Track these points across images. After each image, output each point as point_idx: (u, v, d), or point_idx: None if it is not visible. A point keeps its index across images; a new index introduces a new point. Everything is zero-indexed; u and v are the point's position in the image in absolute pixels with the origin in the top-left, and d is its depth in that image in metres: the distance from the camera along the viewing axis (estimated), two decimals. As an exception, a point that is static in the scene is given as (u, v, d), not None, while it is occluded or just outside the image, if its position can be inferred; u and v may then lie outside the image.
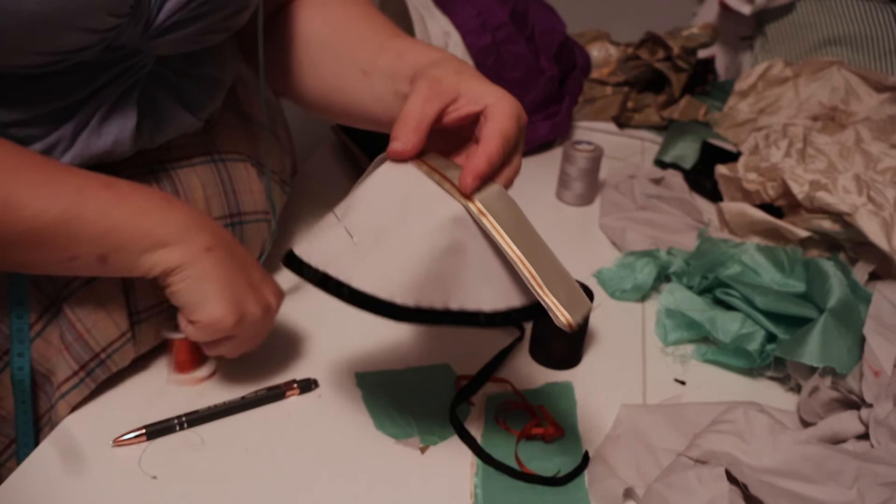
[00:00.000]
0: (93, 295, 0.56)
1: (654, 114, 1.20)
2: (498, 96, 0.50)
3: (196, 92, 0.59)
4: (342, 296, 0.47)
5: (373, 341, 0.68)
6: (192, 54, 0.58)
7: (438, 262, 0.46)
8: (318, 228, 0.50)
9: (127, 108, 0.54)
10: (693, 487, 0.50)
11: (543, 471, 0.56)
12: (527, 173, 1.04)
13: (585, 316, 0.48)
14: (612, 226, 0.88)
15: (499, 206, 0.47)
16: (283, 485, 0.54)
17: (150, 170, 0.59)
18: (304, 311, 0.71)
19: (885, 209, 0.76)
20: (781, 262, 0.77)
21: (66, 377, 0.56)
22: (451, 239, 0.46)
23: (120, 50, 0.52)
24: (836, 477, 0.52)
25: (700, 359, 0.70)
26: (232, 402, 0.59)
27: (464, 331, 0.71)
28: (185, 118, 0.59)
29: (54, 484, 0.52)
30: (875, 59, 1.23)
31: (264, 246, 0.70)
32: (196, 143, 0.63)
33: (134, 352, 0.60)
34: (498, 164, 0.49)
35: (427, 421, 0.60)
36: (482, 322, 0.48)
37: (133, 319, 0.58)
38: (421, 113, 0.49)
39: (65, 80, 0.51)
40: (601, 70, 1.27)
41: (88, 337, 0.56)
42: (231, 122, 0.68)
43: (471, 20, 1.03)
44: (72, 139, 0.52)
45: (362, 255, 0.47)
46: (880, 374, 0.58)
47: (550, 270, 0.48)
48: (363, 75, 0.61)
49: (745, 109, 1.12)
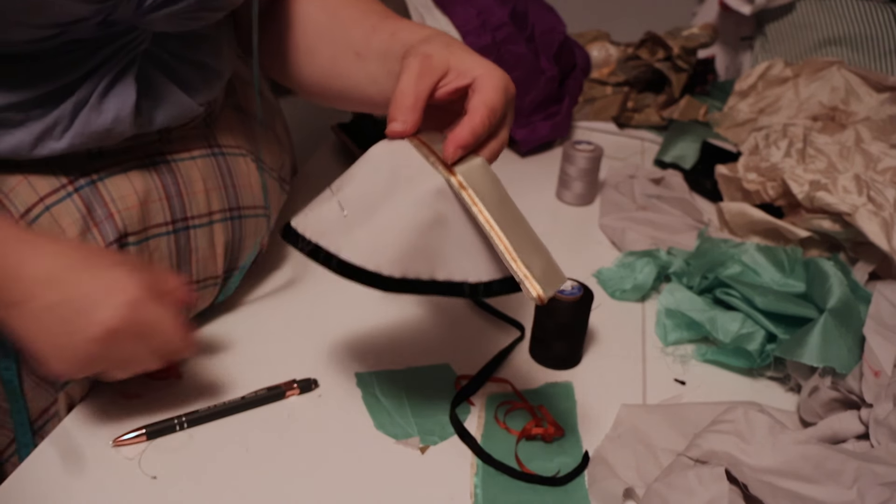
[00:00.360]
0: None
1: (654, 114, 1.20)
2: (486, 69, 0.50)
3: (192, 76, 0.59)
4: (332, 267, 0.48)
5: (373, 341, 0.68)
6: (188, 39, 0.58)
7: (423, 234, 0.47)
8: (314, 202, 0.51)
9: (126, 86, 0.54)
10: (693, 487, 0.50)
11: (543, 471, 0.56)
12: (527, 173, 1.05)
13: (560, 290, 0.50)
14: (612, 226, 0.88)
15: (479, 180, 0.48)
16: (283, 485, 0.54)
17: (152, 161, 0.59)
18: (304, 311, 0.71)
19: (885, 209, 0.76)
20: (781, 262, 0.77)
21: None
22: (434, 211, 0.47)
23: (116, 26, 0.51)
24: (836, 477, 0.52)
25: (700, 359, 0.70)
26: (232, 402, 0.59)
27: (464, 330, 0.71)
28: (182, 100, 0.58)
29: (54, 484, 0.52)
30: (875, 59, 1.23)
31: (262, 241, 0.70)
32: (197, 136, 0.63)
33: None
34: (483, 136, 0.49)
35: (427, 421, 0.60)
36: (466, 293, 0.49)
37: None
38: (416, 91, 0.49)
39: (61, 60, 0.51)
40: (601, 70, 1.27)
41: None
42: (231, 117, 0.68)
43: (471, 20, 1.03)
44: (71, 118, 0.52)
45: (352, 228, 0.48)
46: (880, 373, 0.58)
47: (526, 244, 0.48)
48: (357, 58, 0.61)
49: (745, 109, 1.12)
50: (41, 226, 0.54)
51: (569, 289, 0.65)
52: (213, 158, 0.64)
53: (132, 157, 0.58)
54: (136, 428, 0.56)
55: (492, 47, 1.04)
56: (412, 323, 0.71)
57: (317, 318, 0.70)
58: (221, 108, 0.67)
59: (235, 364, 0.64)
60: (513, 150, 1.12)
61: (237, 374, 0.63)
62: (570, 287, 0.66)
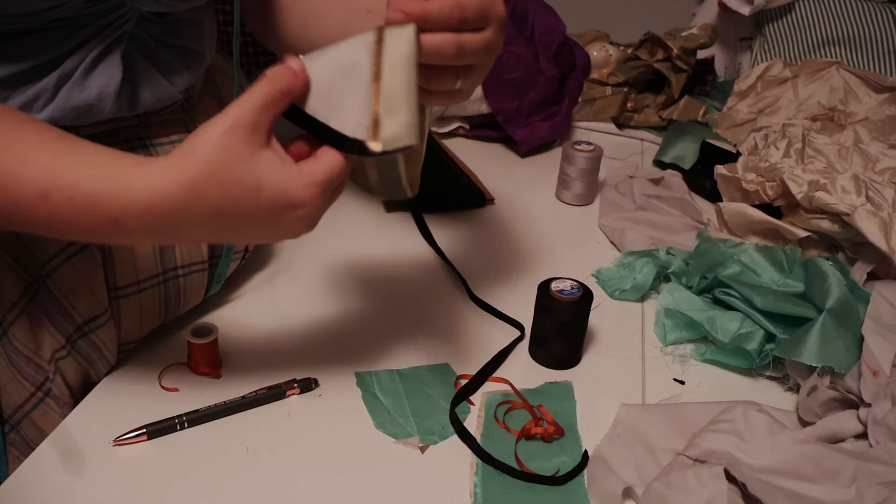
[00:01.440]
0: (73, 269, 0.56)
1: (653, 114, 1.20)
2: None
3: (174, 61, 0.59)
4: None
5: (372, 341, 0.68)
6: (172, 24, 0.58)
7: (335, 75, 0.47)
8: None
9: (111, 64, 0.54)
10: (692, 487, 0.50)
11: (543, 470, 0.56)
12: (527, 173, 1.05)
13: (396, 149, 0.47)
14: (612, 226, 0.89)
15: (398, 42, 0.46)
16: (283, 484, 0.54)
17: (131, 147, 0.59)
18: (304, 310, 0.71)
19: (884, 209, 0.76)
20: (780, 262, 0.77)
21: (54, 350, 0.56)
22: (353, 58, 0.47)
23: (103, 2, 0.51)
24: (834, 476, 0.52)
25: (699, 358, 0.70)
26: (232, 402, 0.59)
27: (464, 330, 0.71)
28: (162, 86, 0.58)
29: (54, 484, 0.52)
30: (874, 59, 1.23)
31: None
32: (175, 121, 0.63)
33: (116, 329, 0.61)
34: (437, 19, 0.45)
35: (426, 420, 0.60)
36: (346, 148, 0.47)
37: (112, 295, 0.59)
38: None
39: (47, 37, 0.50)
40: (601, 70, 1.27)
41: (73, 310, 0.57)
42: (209, 104, 0.68)
43: (470, 20, 1.03)
44: (54, 91, 0.52)
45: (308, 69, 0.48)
46: (878, 373, 0.58)
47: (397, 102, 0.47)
48: (369, 14, 0.59)
49: (744, 110, 1.12)
50: None
51: (568, 288, 0.65)
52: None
53: (111, 141, 0.58)
54: (136, 427, 0.56)
55: (491, 48, 1.04)
56: (412, 322, 0.71)
57: (317, 318, 0.70)
58: (200, 94, 0.67)
59: (236, 363, 0.64)
60: (513, 150, 1.12)
61: (237, 373, 0.63)
62: (570, 287, 0.66)
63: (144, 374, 0.62)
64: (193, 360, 0.62)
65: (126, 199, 0.43)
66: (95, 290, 0.58)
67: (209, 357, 0.62)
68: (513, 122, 1.08)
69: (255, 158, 0.44)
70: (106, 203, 0.43)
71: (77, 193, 0.43)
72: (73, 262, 0.56)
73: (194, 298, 0.67)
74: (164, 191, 0.43)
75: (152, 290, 0.62)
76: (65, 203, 0.43)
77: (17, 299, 0.54)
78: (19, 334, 0.55)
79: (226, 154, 0.43)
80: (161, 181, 0.43)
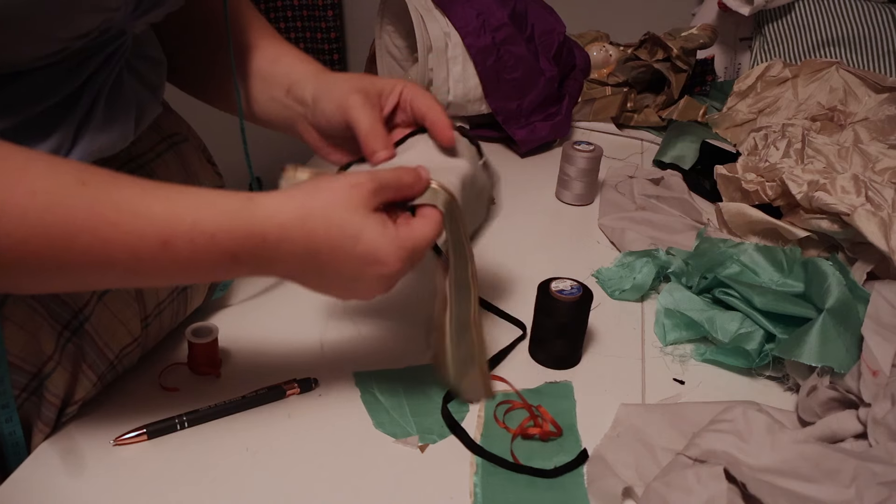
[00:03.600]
0: (107, 309, 0.56)
1: (653, 114, 1.20)
2: (396, 80, 0.59)
3: (150, 74, 0.58)
4: None
5: (372, 341, 0.68)
6: (138, 35, 0.56)
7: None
8: None
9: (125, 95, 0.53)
10: (692, 486, 0.50)
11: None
12: (527, 173, 1.05)
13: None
14: (612, 226, 0.89)
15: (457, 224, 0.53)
16: (283, 484, 0.54)
17: (129, 170, 0.55)
18: (303, 310, 0.71)
19: (884, 209, 0.76)
20: (780, 262, 0.77)
21: (86, 392, 0.56)
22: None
23: (107, 33, 0.49)
24: (834, 476, 0.52)
25: (699, 358, 0.70)
26: (232, 402, 0.59)
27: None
28: (152, 103, 0.58)
29: (54, 484, 0.52)
30: (874, 59, 1.23)
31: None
32: (147, 134, 0.62)
33: (140, 352, 0.60)
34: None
35: (426, 419, 0.60)
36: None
37: (143, 324, 0.59)
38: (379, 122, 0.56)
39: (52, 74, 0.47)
40: (601, 70, 1.27)
41: (106, 349, 0.56)
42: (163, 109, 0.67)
43: (471, 21, 1.03)
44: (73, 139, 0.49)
45: None
46: (878, 373, 0.58)
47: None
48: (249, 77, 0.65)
49: (743, 110, 1.12)
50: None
51: (568, 288, 0.65)
52: (172, 151, 0.64)
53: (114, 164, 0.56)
54: (136, 427, 0.56)
55: (491, 48, 1.04)
56: (411, 322, 0.71)
57: (316, 318, 0.70)
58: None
59: (236, 363, 0.64)
60: (513, 150, 1.12)
61: (237, 373, 0.63)
62: (570, 287, 0.66)
63: (144, 374, 0.62)
64: (193, 359, 0.62)
65: (248, 230, 0.44)
66: (128, 323, 0.57)
67: (209, 357, 0.62)
68: (513, 122, 1.09)
69: (364, 214, 0.47)
70: (227, 239, 0.44)
71: (198, 235, 0.43)
72: (105, 301, 0.56)
73: (196, 302, 0.68)
74: (279, 220, 0.45)
75: (169, 308, 0.63)
76: (186, 247, 0.43)
77: (53, 352, 0.52)
78: (52, 387, 0.53)
79: (343, 202, 0.46)
80: (279, 211, 0.45)
